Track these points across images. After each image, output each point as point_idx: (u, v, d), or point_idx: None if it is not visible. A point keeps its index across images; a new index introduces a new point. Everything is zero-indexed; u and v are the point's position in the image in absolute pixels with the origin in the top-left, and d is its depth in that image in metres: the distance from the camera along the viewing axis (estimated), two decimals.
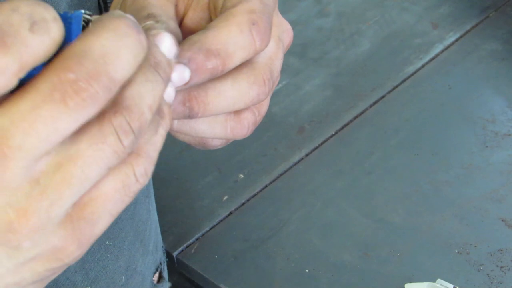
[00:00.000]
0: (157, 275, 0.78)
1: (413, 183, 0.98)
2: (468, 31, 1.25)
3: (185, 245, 0.93)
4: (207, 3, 0.45)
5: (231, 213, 0.97)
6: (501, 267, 0.86)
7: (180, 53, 0.38)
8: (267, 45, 0.41)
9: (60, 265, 0.33)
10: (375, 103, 1.12)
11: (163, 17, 0.42)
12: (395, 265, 0.87)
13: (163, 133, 0.36)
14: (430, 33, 1.25)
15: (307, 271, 0.88)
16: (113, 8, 0.51)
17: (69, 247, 0.33)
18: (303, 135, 1.07)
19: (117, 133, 0.32)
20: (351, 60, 1.21)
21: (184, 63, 0.38)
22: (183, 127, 0.43)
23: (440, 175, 0.99)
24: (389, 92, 1.14)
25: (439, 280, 0.84)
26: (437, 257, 0.88)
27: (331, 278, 0.87)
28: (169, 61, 0.36)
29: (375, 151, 1.03)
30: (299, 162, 1.03)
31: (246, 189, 1.00)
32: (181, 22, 0.45)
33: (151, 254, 0.75)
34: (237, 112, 0.43)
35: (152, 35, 0.36)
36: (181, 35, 0.42)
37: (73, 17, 0.32)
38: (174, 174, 1.04)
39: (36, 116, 0.30)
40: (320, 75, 1.19)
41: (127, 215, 0.69)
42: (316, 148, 1.05)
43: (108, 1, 0.58)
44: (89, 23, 0.33)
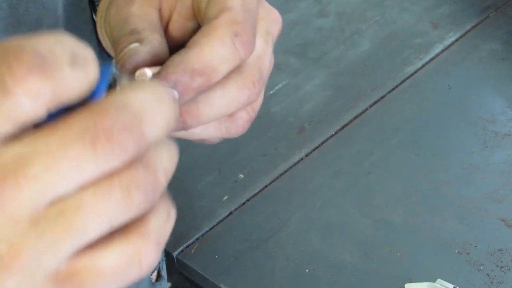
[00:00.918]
0: (155, 273, 0.78)
1: (413, 183, 0.98)
2: (468, 31, 1.25)
3: (185, 245, 0.93)
4: (191, 5, 0.45)
5: (231, 213, 0.97)
6: (501, 267, 0.86)
7: (165, 76, 0.38)
8: (252, 52, 0.41)
9: None
10: (375, 103, 1.12)
11: (146, 32, 0.42)
12: (395, 265, 0.87)
13: (172, 221, 0.35)
14: (430, 33, 1.25)
15: (307, 271, 0.88)
16: (99, 18, 0.51)
17: None
18: (303, 135, 1.07)
19: (127, 188, 0.30)
20: (351, 60, 1.21)
21: (171, 87, 0.38)
22: (178, 132, 0.43)
23: (440, 175, 0.99)
24: (389, 92, 1.14)
25: (439, 280, 0.84)
26: (437, 257, 0.88)
27: (331, 278, 0.87)
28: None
29: (375, 151, 1.03)
30: (299, 162, 1.03)
31: (246, 189, 1.00)
32: (166, 25, 0.45)
33: None
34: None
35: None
36: (166, 49, 0.42)
37: (103, 71, 0.31)
38: (174, 174, 1.04)
39: (62, 152, 0.29)
40: (320, 75, 1.19)
41: None
42: (316, 148, 1.05)
43: (95, 2, 0.58)
44: (116, 82, 0.33)
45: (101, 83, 0.31)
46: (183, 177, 1.03)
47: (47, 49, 0.29)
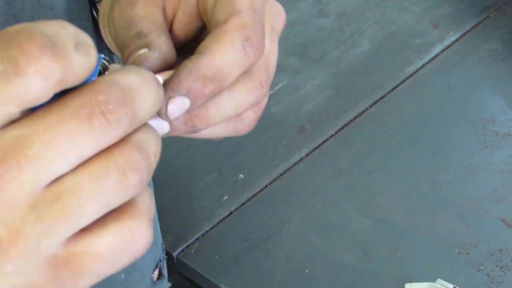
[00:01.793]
0: (156, 272, 0.78)
1: (413, 183, 0.98)
2: (468, 31, 1.25)
3: (185, 245, 0.93)
4: (196, 4, 0.45)
5: (231, 213, 0.97)
6: (501, 267, 0.86)
7: (177, 85, 0.38)
8: (262, 55, 0.41)
9: None
10: (375, 103, 1.12)
11: (153, 35, 0.42)
12: (395, 265, 0.87)
13: (153, 200, 0.35)
14: (430, 33, 1.25)
15: (307, 271, 0.88)
16: (102, 17, 0.51)
17: None
18: (303, 135, 1.07)
19: (123, 169, 0.31)
20: (351, 60, 1.21)
21: (183, 95, 0.38)
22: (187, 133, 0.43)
23: (440, 175, 0.99)
24: (389, 92, 1.14)
25: (439, 280, 0.84)
26: (437, 257, 0.88)
27: (331, 278, 0.87)
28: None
29: (375, 151, 1.03)
30: (299, 162, 1.03)
31: (246, 189, 1.00)
32: (170, 24, 0.45)
33: (150, 251, 0.75)
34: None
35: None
36: (174, 51, 0.42)
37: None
38: (174, 174, 1.04)
39: (60, 128, 0.30)
40: (320, 75, 1.19)
41: None
42: (316, 148, 1.05)
43: (96, 0, 0.58)
44: (106, 70, 0.33)
45: (94, 71, 0.32)
46: (183, 177, 1.03)
47: (55, 34, 0.30)
